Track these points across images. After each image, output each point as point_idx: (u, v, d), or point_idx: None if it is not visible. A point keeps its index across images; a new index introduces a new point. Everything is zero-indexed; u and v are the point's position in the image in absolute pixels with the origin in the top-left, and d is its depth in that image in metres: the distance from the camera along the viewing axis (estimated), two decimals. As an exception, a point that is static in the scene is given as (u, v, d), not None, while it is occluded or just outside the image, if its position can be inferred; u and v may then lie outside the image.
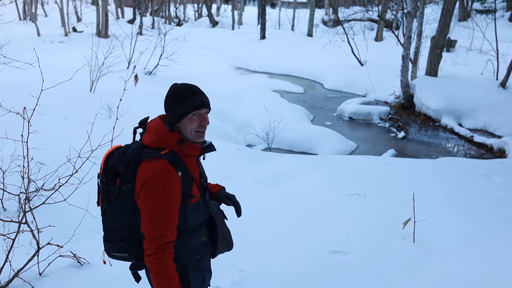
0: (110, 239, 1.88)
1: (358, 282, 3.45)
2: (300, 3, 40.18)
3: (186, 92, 1.86)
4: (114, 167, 1.83)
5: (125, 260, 1.94)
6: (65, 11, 23.33)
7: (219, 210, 2.11)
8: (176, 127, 1.87)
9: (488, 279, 3.58)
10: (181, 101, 1.84)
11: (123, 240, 1.86)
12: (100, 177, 1.88)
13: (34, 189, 3.36)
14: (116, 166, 1.83)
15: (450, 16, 11.17)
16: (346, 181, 5.67)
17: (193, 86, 1.91)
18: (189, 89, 1.89)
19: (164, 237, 1.75)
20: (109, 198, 1.84)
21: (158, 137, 1.83)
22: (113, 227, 1.87)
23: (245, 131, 8.84)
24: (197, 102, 1.85)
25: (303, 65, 17.01)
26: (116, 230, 1.87)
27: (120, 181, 1.82)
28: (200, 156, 2.01)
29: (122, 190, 1.82)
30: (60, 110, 7.23)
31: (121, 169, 1.82)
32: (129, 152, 1.84)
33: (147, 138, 1.86)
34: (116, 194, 1.83)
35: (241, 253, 2.96)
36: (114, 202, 1.84)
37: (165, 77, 12.17)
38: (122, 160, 1.83)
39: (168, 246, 1.76)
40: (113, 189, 1.84)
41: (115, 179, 1.84)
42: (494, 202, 5.14)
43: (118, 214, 1.85)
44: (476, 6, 23.76)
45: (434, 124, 10.24)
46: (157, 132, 1.84)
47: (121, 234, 1.86)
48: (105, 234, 1.91)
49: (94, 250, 3.28)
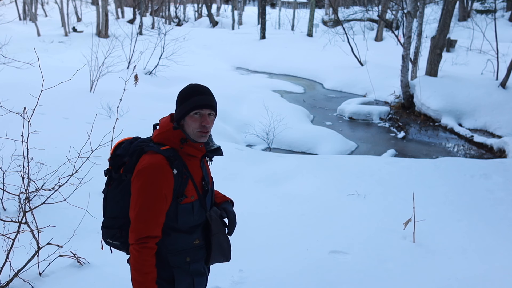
0: (106, 225, 1.95)
1: (358, 282, 3.45)
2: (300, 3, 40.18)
3: (191, 91, 1.89)
4: (120, 156, 1.92)
5: (117, 249, 1.99)
6: (65, 11, 23.34)
7: (220, 217, 2.00)
8: (181, 124, 1.90)
9: (488, 279, 3.58)
10: (185, 99, 1.88)
11: (118, 228, 1.91)
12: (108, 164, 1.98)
13: (34, 189, 3.36)
14: (122, 155, 1.91)
15: (450, 16, 11.17)
16: (346, 181, 5.67)
17: (201, 87, 1.92)
18: (196, 88, 1.90)
19: (145, 230, 1.76)
20: (110, 184, 1.94)
21: (162, 133, 1.89)
22: (111, 214, 1.94)
23: (245, 131, 8.84)
24: (198, 102, 1.85)
25: (303, 65, 17.01)
26: (113, 217, 1.93)
27: (124, 170, 1.89)
28: (203, 158, 2.00)
29: (122, 179, 1.89)
30: (60, 110, 7.23)
31: (127, 159, 1.89)
32: (135, 144, 1.92)
33: (155, 133, 1.94)
34: (117, 182, 1.91)
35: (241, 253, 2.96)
36: (114, 190, 1.92)
37: (165, 77, 12.17)
38: (128, 150, 1.90)
39: (148, 241, 1.77)
40: (115, 176, 1.92)
41: (120, 168, 1.92)
42: (494, 202, 5.14)
43: (118, 201, 1.91)
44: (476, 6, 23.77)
45: (434, 124, 10.24)
46: (162, 128, 1.91)
47: (117, 222, 1.92)
48: (104, 220, 1.97)
49: (94, 250, 3.28)
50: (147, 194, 1.77)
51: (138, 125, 6.45)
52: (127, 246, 1.88)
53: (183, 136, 1.86)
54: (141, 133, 2.29)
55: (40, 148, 3.64)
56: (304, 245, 3.98)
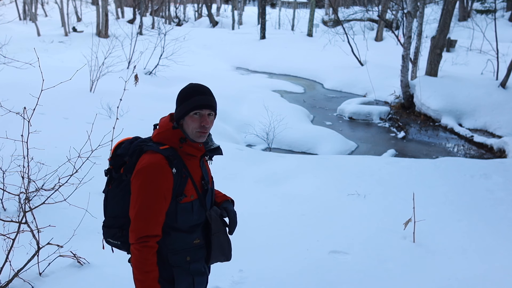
0: (107, 225, 1.96)
1: (358, 282, 3.45)
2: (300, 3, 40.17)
3: (192, 91, 1.89)
4: (121, 155, 1.93)
5: (118, 248, 1.99)
6: (65, 11, 23.33)
7: (218, 216, 2.00)
8: (180, 124, 1.91)
9: (488, 279, 3.58)
10: (185, 99, 1.88)
11: (118, 228, 1.92)
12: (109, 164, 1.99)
13: (34, 189, 3.36)
14: (122, 155, 1.92)
15: (450, 16, 11.17)
16: (346, 181, 5.67)
17: (202, 86, 1.93)
18: (196, 88, 1.91)
19: (145, 229, 1.77)
20: (110, 184, 1.94)
21: (161, 132, 1.90)
22: (112, 214, 1.94)
23: (245, 131, 8.84)
24: (198, 102, 1.86)
25: (303, 65, 17.00)
26: (114, 217, 1.93)
27: (124, 169, 1.90)
28: (202, 158, 2.00)
29: (122, 178, 1.90)
30: (60, 110, 7.23)
31: (127, 159, 1.90)
32: (135, 143, 1.92)
33: (154, 132, 1.95)
34: (117, 182, 1.91)
35: (241, 253, 2.96)
36: (115, 189, 1.92)
37: (165, 77, 12.17)
38: (128, 150, 1.91)
39: (149, 240, 1.77)
40: (115, 176, 1.93)
41: (120, 167, 1.93)
42: (494, 202, 5.14)
43: (118, 201, 1.91)
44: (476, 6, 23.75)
45: (434, 124, 10.24)
46: (162, 127, 1.92)
47: (118, 221, 1.92)
48: (105, 219, 1.98)
49: (94, 250, 3.28)
50: (147, 193, 1.77)
51: (138, 125, 6.45)
52: (128, 245, 1.88)
53: (182, 135, 1.87)
54: (141, 133, 2.29)
55: (40, 148, 3.64)
56: (304, 245, 3.98)
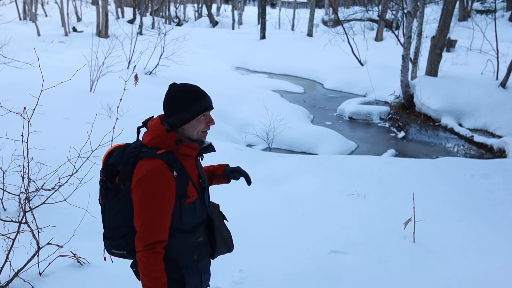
0: (109, 236, 1.91)
1: (358, 282, 3.45)
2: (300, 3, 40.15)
3: (192, 95, 1.87)
4: (113, 165, 1.86)
5: (123, 258, 1.96)
6: (65, 11, 23.33)
7: (218, 211, 2.10)
8: (180, 128, 1.88)
9: (488, 279, 3.58)
10: (189, 104, 1.85)
11: (122, 237, 1.88)
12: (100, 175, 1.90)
13: (34, 189, 3.36)
14: (115, 164, 1.86)
15: (450, 16, 11.17)
16: (346, 181, 5.66)
17: (196, 88, 1.91)
18: (195, 91, 1.89)
19: (152, 236, 1.76)
20: (107, 195, 1.88)
21: (155, 137, 1.85)
22: (112, 225, 1.89)
23: (245, 131, 8.84)
24: (206, 105, 1.88)
25: (303, 65, 17.00)
26: (114, 228, 1.89)
27: (119, 179, 1.84)
28: (197, 157, 2.01)
29: (120, 188, 1.85)
30: (60, 110, 7.23)
31: (121, 167, 1.85)
32: (127, 151, 1.87)
33: (145, 137, 1.90)
34: (114, 192, 1.86)
35: (241, 253, 2.95)
36: (112, 200, 1.87)
37: (165, 77, 12.16)
38: (121, 159, 1.86)
39: (156, 246, 1.76)
40: (111, 187, 1.86)
41: (114, 177, 1.86)
42: (494, 202, 5.14)
43: (117, 212, 1.87)
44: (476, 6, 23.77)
45: (434, 124, 10.24)
46: (155, 132, 1.86)
47: (120, 232, 1.88)
48: (104, 231, 1.94)
49: (94, 250, 3.28)
50: (151, 200, 1.75)
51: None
52: (134, 253, 1.86)
53: (177, 137, 1.85)
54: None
55: (40, 148, 3.64)
56: (304, 245, 3.98)
